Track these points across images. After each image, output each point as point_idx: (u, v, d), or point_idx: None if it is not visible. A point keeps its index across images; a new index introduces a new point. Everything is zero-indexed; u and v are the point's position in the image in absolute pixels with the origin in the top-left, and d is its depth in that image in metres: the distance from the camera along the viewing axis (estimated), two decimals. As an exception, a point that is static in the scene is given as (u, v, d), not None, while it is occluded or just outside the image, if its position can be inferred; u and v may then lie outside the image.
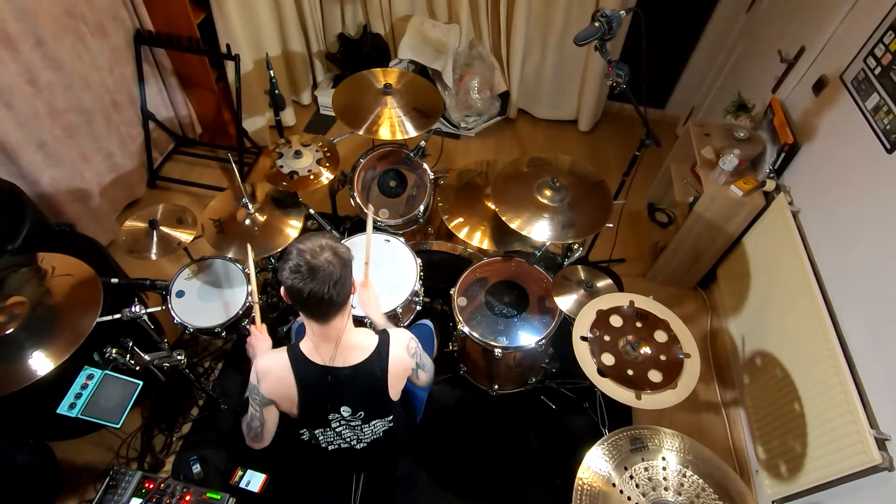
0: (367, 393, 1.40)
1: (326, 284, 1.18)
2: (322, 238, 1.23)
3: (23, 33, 2.07)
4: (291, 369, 1.34)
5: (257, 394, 1.36)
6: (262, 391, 1.35)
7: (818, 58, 2.10)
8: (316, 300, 1.20)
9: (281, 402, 1.39)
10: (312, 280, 1.17)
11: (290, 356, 1.35)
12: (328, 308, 1.25)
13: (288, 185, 2.07)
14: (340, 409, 1.41)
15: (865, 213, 1.74)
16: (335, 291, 1.20)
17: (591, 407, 2.24)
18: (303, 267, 1.17)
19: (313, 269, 1.17)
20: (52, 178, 2.33)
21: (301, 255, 1.19)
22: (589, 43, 1.71)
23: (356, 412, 1.43)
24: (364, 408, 1.43)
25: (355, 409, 1.42)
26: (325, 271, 1.18)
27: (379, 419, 1.48)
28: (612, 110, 3.70)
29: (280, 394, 1.36)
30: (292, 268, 1.18)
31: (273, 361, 1.36)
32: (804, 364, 1.83)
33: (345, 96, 2.31)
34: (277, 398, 1.37)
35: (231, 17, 2.75)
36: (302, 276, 1.17)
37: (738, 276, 2.37)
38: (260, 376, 1.35)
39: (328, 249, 1.21)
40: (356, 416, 1.43)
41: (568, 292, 1.96)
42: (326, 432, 1.47)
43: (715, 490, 1.42)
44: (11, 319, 1.41)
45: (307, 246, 1.20)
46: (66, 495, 1.98)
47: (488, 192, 2.21)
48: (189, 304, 1.90)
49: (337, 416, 1.42)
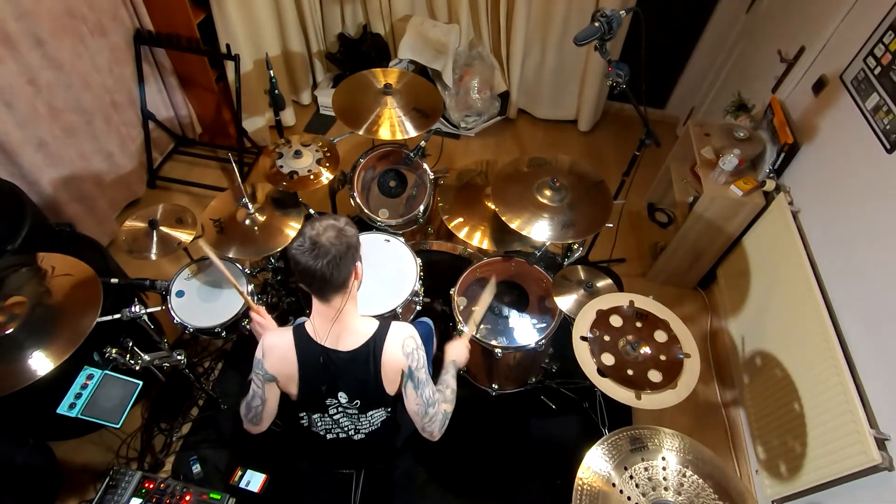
0: (362, 381, 1.41)
1: (323, 260, 1.22)
2: (335, 220, 1.28)
3: (23, 33, 2.07)
4: (294, 346, 1.37)
5: (261, 368, 1.38)
6: (266, 366, 1.38)
7: (818, 58, 2.10)
8: (310, 274, 1.24)
9: (282, 380, 1.41)
10: (311, 255, 1.22)
11: (294, 333, 1.38)
12: (323, 285, 1.28)
13: (288, 185, 2.07)
14: (338, 394, 1.42)
15: (865, 213, 1.74)
16: (330, 270, 1.23)
17: (591, 407, 2.24)
18: (307, 242, 1.23)
19: (315, 244, 1.22)
20: (52, 178, 2.33)
21: (309, 231, 1.25)
22: (589, 43, 1.71)
23: (352, 400, 1.44)
24: (360, 396, 1.44)
25: (351, 397, 1.43)
26: (325, 249, 1.22)
27: (376, 409, 1.49)
28: (612, 110, 3.70)
29: (282, 371, 1.39)
30: (298, 242, 1.25)
31: (279, 338, 1.40)
32: (804, 364, 1.83)
33: (345, 96, 2.31)
34: (279, 375, 1.39)
35: (231, 17, 2.75)
36: (304, 249, 1.23)
37: (738, 276, 2.37)
38: (265, 351, 1.38)
39: (334, 230, 1.25)
40: (353, 403, 1.44)
41: (568, 292, 1.96)
42: (324, 418, 1.48)
43: (715, 490, 1.42)
44: (11, 319, 1.41)
45: (318, 224, 1.26)
46: (66, 495, 1.98)
47: (488, 192, 2.21)
48: (189, 304, 1.90)
49: (334, 401, 1.44)
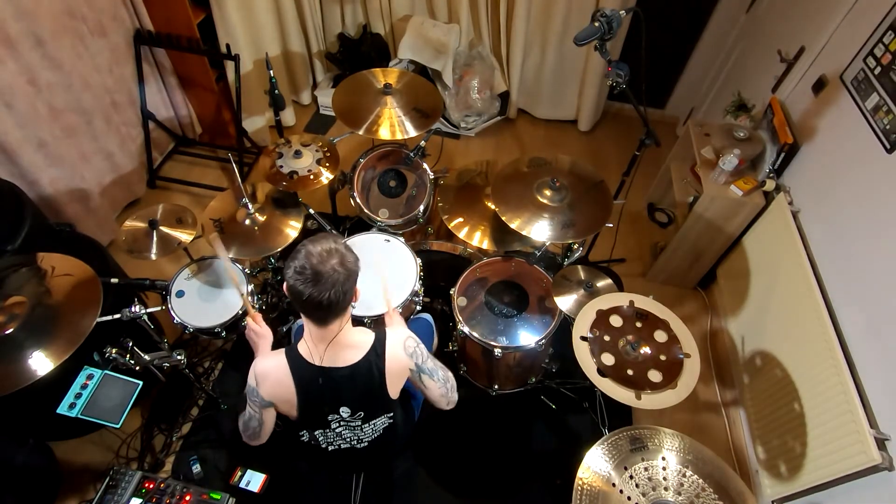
0: (366, 392, 1.39)
1: (328, 292, 1.16)
2: (333, 242, 1.21)
3: (23, 33, 2.07)
4: (290, 372, 1.33)
5: (256, 396, 1.35)
6: (262, 394, 1.34)
7: (818, 58, 2.10)
8: (315, 304, 1.19)
9: (280, 405, 1.38)
10: (315, 285, 1.15)
11: (288, 358, 1.33)
12: (327, 313, 1.24)
13: (288, 185, 2.07)
14: (339, 409, 1.41)
15: (865, 213, 1.73)
16: (336, 299, 1.19)
17: (591, 407, 2.24)
18: (308, 270, 1.15)
19: (318, 274, 1.15)
20: (52, 178, 2.33)
21: (308, 258, 1.16)
22: (589, 43, 1.71)
23: (356, 412, 1.42)
24: (363, 407, 1.42)
25: (355, 409, 1.42)
26: (330, 279, 1.16)
27: (379, 418, 1.48)
28: (612, 110, 3.70)
29: (279, 396, 1.36)
30: (297, 269, 1.16)
31: (272, 364, 1.35)
32: (804, 364, 1.83)
33: (345, 96, 2.31)
34: (277, 401, 1.37)
35: (231, 17, 2.75)
36: (305, 279, 1.15)
37: (738, 276, 2.36)
38: (259, 379, 1.34)
39: (336, 256, 1.18)
40: (356, 416, 1.43)
41: (568, 292, 1.96)
42: (326, 433, 1.47)
43: (715, 490, 1.42)
44: (11, 319, 1.41)
45: (316, 249, 1.17)
46: (66, 495, 1.98)
47: (488, 192, 2.21)
48: (189, 304, 1.90)
49: (336, 416, 1.42)
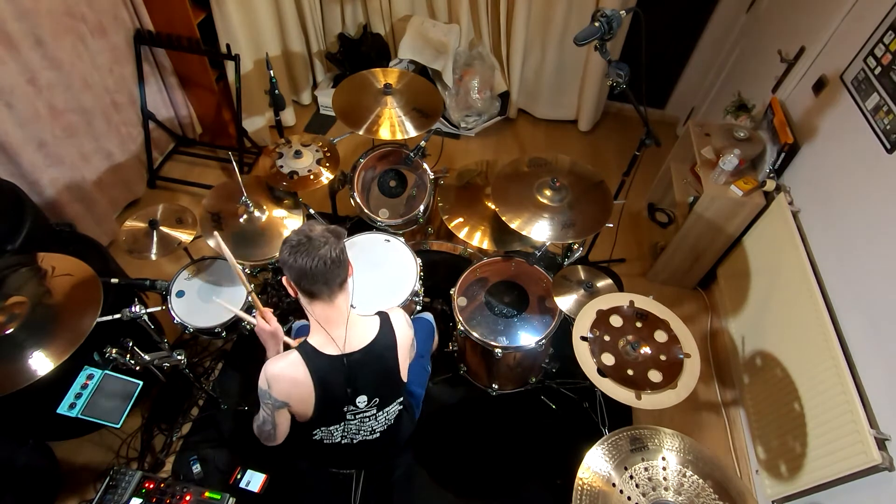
0: (381, 374, 1.41)
1: (325, 250, 1.23)
2: (312, 222, 1.32)
3: (23, 33, 2.07)
4: (306, 367, 1.31)
5: (269, 398, 1.32)
6: (275, 395, 1.32)
7: (818, 58, 2.10)
8: (318, 272, 1.23)
9: (295, 405, 1.36)
10: (310, 251, 1.22)
11: (302, 354, 1.32)
12: (331, 280, 1.27)
13: (288, 185, 2.07)
14: (356, 399, 1.40)
15: (866, 213, 1.74)
16: (335, 256, 1.24)
17: (591, 407, 2.24)
18: (300, 240, 1.23)
19: (311, 239, 1.23)
20: (52, 178, 2.33)
21: (297, 234, 1.25)
22: (589, 43, 1.71)
23: (371, 399, 1.42)
24: (379, 393, 1.43)
25: (371, 396, 1.42)
26: (321, 239, 1.24)
27: (393, 403, 1.50)
28: (612, 110, 3.70)
29: (294, 395, 1.33)
30: (292, 244, 1.24)
31: (285, 364, 1.32)
32: (804, 364, 1.83)
33: (345, 96, 2.31)
34: (292, 400, 1.34)
35: (231, 17, 2.75)
36: (300, 249, 1.22)
37: (738, 276, 2.37)
38: (271, 381, 1.32)
39: (319, 225, 1.28)
40: (371, 403, 1.43)
41: (568, 292, 1.96)
42: (340, 428, 1.47)
43: (715, 490, 1.42)
44: (11, 319, 1.41)
45: (300, 228, 1.28)
46: (66, 495, 1.98)
47: (488, 192, 2.21)
48: (189, 304, 1.90)
49: (352, 407, 1.41)
